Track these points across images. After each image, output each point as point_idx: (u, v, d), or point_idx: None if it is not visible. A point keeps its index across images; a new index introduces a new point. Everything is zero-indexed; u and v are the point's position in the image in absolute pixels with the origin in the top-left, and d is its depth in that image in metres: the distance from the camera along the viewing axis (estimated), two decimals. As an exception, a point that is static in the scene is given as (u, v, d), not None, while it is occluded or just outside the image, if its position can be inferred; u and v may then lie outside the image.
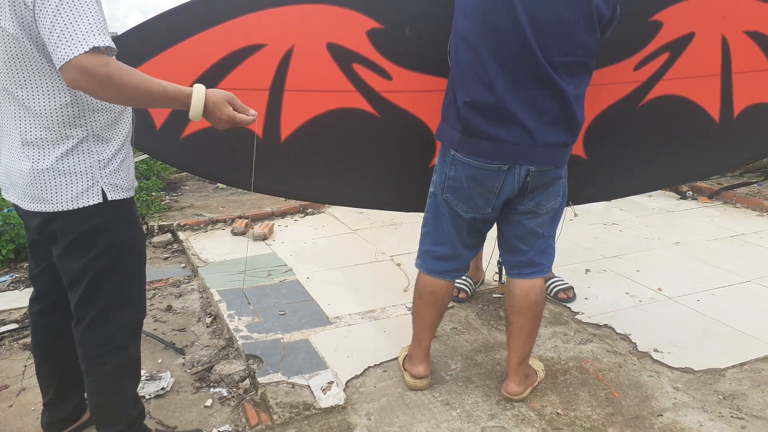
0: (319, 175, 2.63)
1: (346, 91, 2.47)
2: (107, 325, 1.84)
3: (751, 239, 4.03)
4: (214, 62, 2.34)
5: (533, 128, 2.05)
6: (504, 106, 2.03)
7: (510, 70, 2.01)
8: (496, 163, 2.09)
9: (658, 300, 3.16)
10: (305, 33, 2.40)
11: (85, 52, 1.46)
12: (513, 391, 2.31)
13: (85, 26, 1.48)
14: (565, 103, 2.05)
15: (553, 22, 1.96)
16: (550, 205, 2.21)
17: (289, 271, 3.60)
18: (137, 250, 1.88)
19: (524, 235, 2.24)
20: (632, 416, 2.23)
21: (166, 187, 5.36)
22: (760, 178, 5.20)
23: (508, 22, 1.96)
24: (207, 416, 2.30)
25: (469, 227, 2.25)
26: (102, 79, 1.49)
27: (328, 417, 2.24)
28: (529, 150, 2.07)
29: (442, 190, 2.23)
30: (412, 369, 2.41)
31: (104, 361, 1.86)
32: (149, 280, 3.56)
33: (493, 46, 2.00)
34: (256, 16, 2.35)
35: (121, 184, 1.77)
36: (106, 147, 1.73)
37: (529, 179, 2.12)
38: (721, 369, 2.52)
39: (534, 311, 2.28)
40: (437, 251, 2.31)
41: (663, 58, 2.59)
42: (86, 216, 1.71)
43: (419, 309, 2.39)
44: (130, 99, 1.58)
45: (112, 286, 1.81)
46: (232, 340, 2.84)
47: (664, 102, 2.67)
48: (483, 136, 2.08)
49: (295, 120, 2.49)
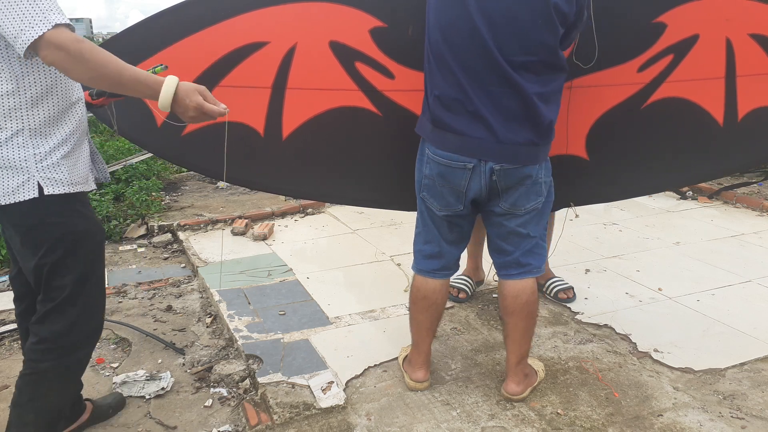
0: (321, 174, 2.63)
1: (348, 89, 2.47)
2: (59, 321, 1.81)
3: (751, 239, 4.03)
4: (215, 60, 2.34)
5: (495, 125, 2.05)
6: (468, 101, 2.05)
7: (470, 67, 2.02)
8: (462, 158, 2.10)
9: (658, 300, 3.16)
10: (308, 31, 2.39)
11: (49, 29, 1.53)
12: (513, 391, 2.32)
13: (44, 6, 1.55)
14: (527, 102, 2.04)
15: (509, 21, 1.96)
16: (530, 206, 2.19)
17: (289, 271, 3.60)
18: (91, 245, 1.84)
19: (506, 235, 2.24)
20: (632, 416, 2.23)
21: (166, 187, 5.36)
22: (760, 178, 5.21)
23: (464, 20, 1.97)
24: (207, 416, 2.30)
25: (448, 224, 2.27)
26: (75, 54, 1.54)
27: (328, 417, 2.24)
28: (492, 146, 2.07)
29: (420, 188, 2.26)
30: (411, 373, 2.42)
31: (43, 357, 1.82)
32: (149, 279, 3.57)
33: (451, 43, 2.02)
34: (259, 14, 2.34)
35: (62, 179, 1.74)
36: (43, 141, 1.71)
37: (495, 178, 2.11)
38: (721, 369, 2.52)
39: (526, 312, 2.27)
40: (425, 250, 2.33)
41: (667, 60, 2.59)
42: (27, 211, 1.70)
43: (414, 314, 2.40)
44: (101, 78, 1.61)
45: (66, 280, 1.79)
46: (232, 340, 2.84)
47: (667, 104, 2.65)
48: (450, 129, 2.10)
49: (297, 118, 2.48)
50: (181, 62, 2.31)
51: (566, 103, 2.58)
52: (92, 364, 2.66)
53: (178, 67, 2.26)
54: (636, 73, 2.59)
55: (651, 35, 2.53)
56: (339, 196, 2.84)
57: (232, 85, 2.36)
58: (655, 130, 2.71)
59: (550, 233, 3.19)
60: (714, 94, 2.68)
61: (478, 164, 2.09)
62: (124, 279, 3.58)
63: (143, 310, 3.18)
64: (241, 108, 2.45)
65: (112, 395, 2.35)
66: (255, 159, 2.53)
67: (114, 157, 5.32)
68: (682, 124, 2.71)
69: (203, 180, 5.70)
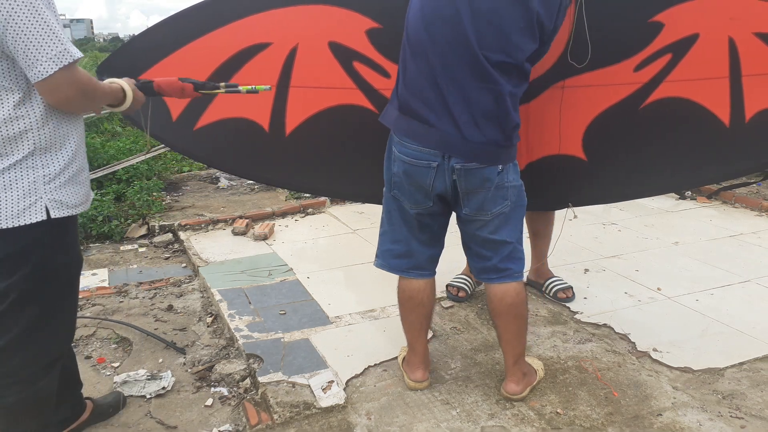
0: (321, 169, 2.74)
1: (347, 88, 2.57)
2: (18, 353, 1.72)
3: (750, 239, 4.04)
4: (225, 59, 2.48)
5: (462, 121, 2.05)
6: (438, 94, 2.05)
7: (447, 59, 2.02)
8: (426, 156, 2.09)
9: (657, 300, 3.17)
10: (308, 32, 2.50)
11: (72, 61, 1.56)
12: (512, 390, 2.32)
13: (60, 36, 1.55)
14: (500, 100, 2.04)
15: (493, 20, 1.97)
16: (496, 210, 2.17)
17: (289, 270, 3.61)
18: (67, 279, 1.79)
19: (482, 242, 2.24)
20: (631, 416, 2.24)
21: (167, 187, 5.37)
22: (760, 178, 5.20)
23: (450, 11, 1.98)
24: (207, 416, 2.31)
25: (418, 223, 2.27)
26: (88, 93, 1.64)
27: (329, 416, 2.25)
28: (456, 142, 2.07)
29: (390, 186, 2.26)
30: (410, 373, 2.42)
31: (5, 393, 1.74)
32: (150, 279, 3.58)
33: (432, 32, 2.02)
34: (262, 17, 2.47)
35: (68, 201, 1.71)
36: (52, 160, 1.68)
37: (456, 177, 2.10)
38: (720, 368, 2.53)
39: (514, 313, 2.26)
40: (394, 249, 2.32)
41: (665, 60, 2.57)
42: (22, 234, 1.64)
43: (404, 314, 2.42)
44: (91, 107, 1.75)
45: (31, 312, 1.71)
46: (232, 340, 2.85)
47: (668, 104, 2.63)
48: (416, 117, 2.09)
49: (299, 115, 2.60)
50: (193, 62, 2.47)
51: (558, 103, 2.59)
52: (93, 364, 2.67)
53: (191, 66, 2.46)
54: (632, 72, 2.58)
55: (647, 34, 2.53)
56: (337, 191, 2.95)
57: (241, 82, 2.45)
58: (657, 131, 2.68)
59: (550, 233, 3.20)
60: (718, 94, 2.65)
61: (442, 162, 2.09)
62: (125, 279, 3.59)
63: (144, 309, 3.19)
64: (248, 105, 2.57)
65: (112, 394, 2.36)
66: (261, 153, 2.67)
67: (115, 157, 5.33)
68: (685, 125, 2.68)
69: (204, 180, 5.71)
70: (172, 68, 2.46)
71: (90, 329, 2.96)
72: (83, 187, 1.78)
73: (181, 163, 6.09)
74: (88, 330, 2.95)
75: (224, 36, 2.46)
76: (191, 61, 2.48)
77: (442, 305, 3.11)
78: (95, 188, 4.75)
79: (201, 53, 2.48)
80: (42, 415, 1.85)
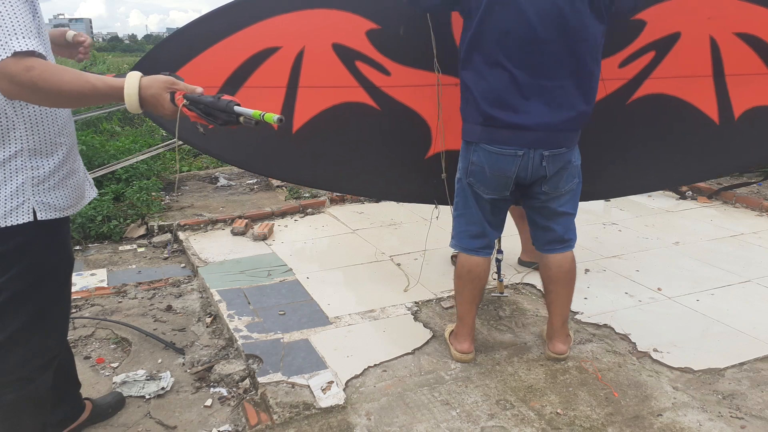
0: (325, 164, 2.86)
1: (350, 86, 2.72)
2: (15, 352, 1.71)
3: (751, 239, 4.04)
4: (239, 64, 2.60)
5: (547, 114, 2.24)
6: (520, 94, 2.22)
7: (528, 59, 2.19)
8: (513, 148, 2.27)
9: (657, 300, 3.17)
10: (313, 35, 2.64)
11: (6, 57, 1.40)
12: (560, 350, 2.54)
13: (8, 30, 1.41)
14: (585, 87, 2.25)
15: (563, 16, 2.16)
16: (568, 186, 2.41)
17: (289, 271, 3.60)
18: (58, 278, 1.78)
19: (551, 215, 2.46)
20: (632, 416, 2.23)
21: (166, 187, 5.36)
22: (760, 178, 5.21)
23: (553, 8, 2.15)
24: (207, 416, 2.31)
25: (492, 207, 2.45)
26: (27, 85, 1.42)
27: (328, 417, 2.24)
28: (545, 137, 2.26)
29: (466, 174, 2.43)
30: (457, 345, 2.59)
31: (5, 391, 1.73)
32: (149, 279, 3.57)
33: (513, 37, 2.18)
34: (270, 23, 2.60)
35: (56, 204, 1.68)
36: (42, 162, 1.64)
37: (545, 164, 2.30)
38: (721, 369, 2.52)
39: (569, 278, 2.54)
40: (471, 230, 2.50)
41: (649, 57, 2.64)
42: (9, 235, 1.62)
43: (460, 288, 2.57)
44: (62, 101, 1.51)
45: (26, 311, 1.70)
46: (232, 340, 2.84)
47: (654, 100, 2.70)
48: (502, 125, 2.27)
49: (306, 113, 2.72)
50: (208, 69, 2.57)
51: None
52: (92, 364, 2.66)
53: (206, 74, 2.56)
54: (617, 68, 2.67)
55: (630, 32, 2.62)
56: (342, 186, 3.15)
57: (254, 86, 2.61)
58: (645, 127, 2.75)
59: None
60: (704, 92, 2.70)
61: (528, 151, 2.28)
62: (124, 279, 3.59)
63: (143, 310, 3.19)
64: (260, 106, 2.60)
65: (111, 395, 2.35)
66: (269, 150, 2.77)
67: (114, 156, 5.32)
68: (673, 122, 2.74)
69: (203, 180, 5.71)
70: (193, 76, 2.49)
71: (89, 329, 2.95)
72: (74, 190, 1.76)
73: (180, 163, 6.07)
74: (87, 330, 2.95)
75: (236, 42, 2.58)
76: (206, 68, 2.57)
77: (442, 305, 3.10)
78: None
79: (215, 61, 2.58)
80: (40, 414, 1.85)
